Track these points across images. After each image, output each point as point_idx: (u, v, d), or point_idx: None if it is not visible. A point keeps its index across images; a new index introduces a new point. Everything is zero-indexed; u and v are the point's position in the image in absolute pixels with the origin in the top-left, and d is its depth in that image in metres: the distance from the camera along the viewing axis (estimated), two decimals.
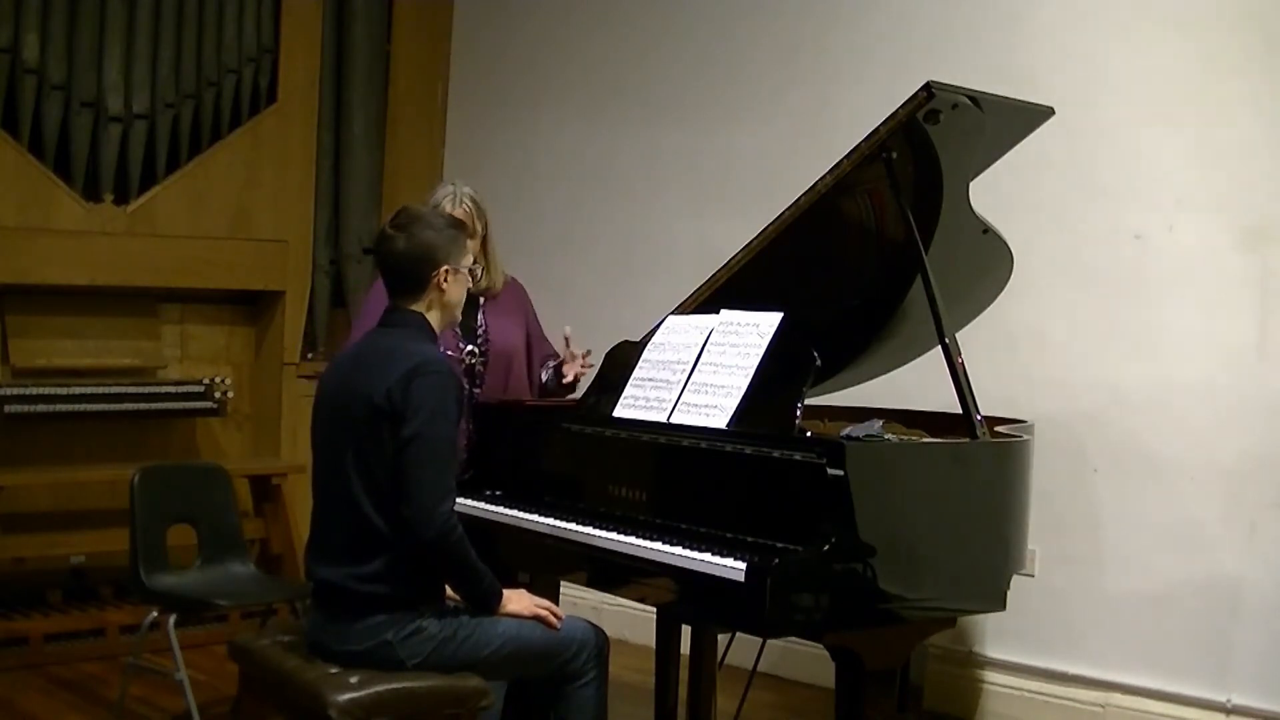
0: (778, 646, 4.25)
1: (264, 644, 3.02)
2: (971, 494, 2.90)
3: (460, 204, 3.59)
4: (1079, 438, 4.18)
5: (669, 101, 5.42)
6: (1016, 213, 3.95)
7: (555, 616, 2.94)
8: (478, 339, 3.67)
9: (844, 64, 4.84)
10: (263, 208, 5.69)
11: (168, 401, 5.39)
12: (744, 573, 2.55)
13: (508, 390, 3.71)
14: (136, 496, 4.01)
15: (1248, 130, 3.91)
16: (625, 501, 3.08)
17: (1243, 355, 3.91)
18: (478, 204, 3.63)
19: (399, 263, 2.94)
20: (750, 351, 2.99)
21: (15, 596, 5.01)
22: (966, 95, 2.96)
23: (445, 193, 3.63)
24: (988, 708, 4.38)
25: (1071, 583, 4.21)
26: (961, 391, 2.98)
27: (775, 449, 2.73)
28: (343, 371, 2.97)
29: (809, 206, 3.15)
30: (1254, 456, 3.88)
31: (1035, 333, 4.29)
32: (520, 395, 3.74)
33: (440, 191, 3.65)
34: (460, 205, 3.58)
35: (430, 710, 2.80)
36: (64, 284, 5.22)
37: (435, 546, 2.76)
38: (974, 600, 2.98)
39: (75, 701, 4.39)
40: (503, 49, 6.14)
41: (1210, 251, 3.98)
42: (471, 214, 3.59)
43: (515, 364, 3.75)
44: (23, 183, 5.08)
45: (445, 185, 3.69)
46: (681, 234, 5.29)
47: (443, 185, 3.70)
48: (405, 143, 6.29)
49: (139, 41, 5.32)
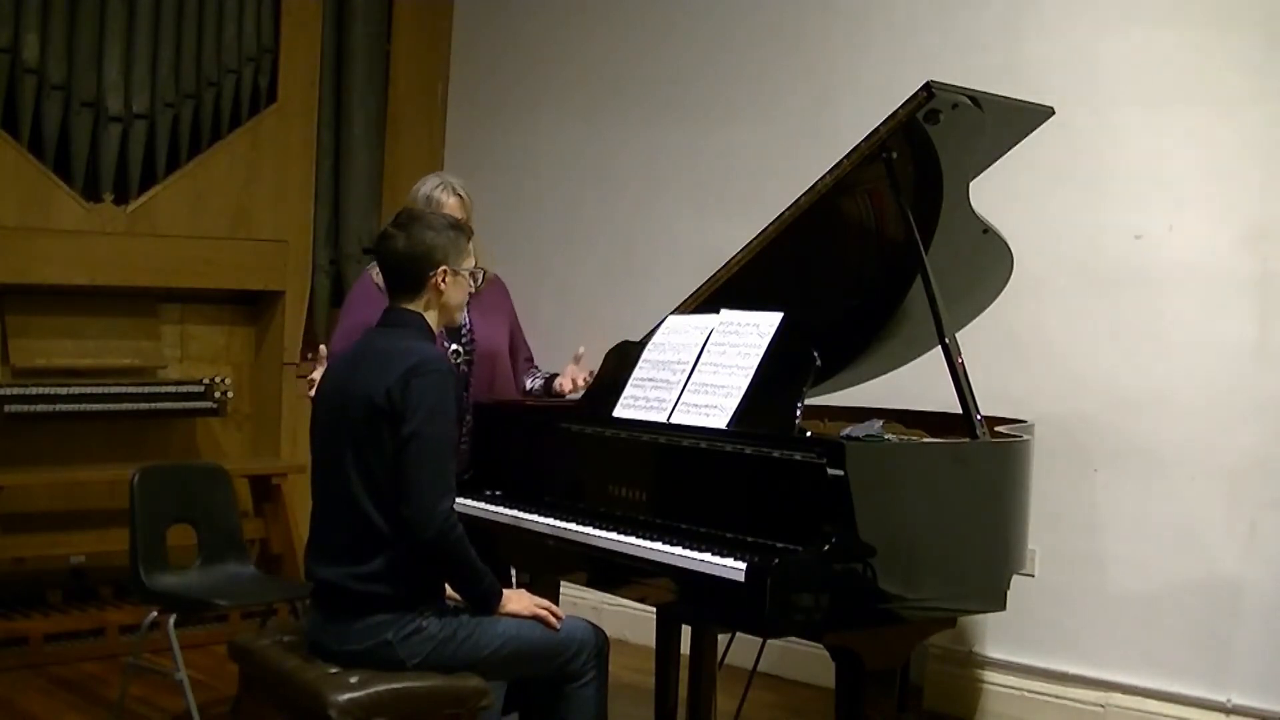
0: (778, 646, 4.25)
1: (264, 644, 3.02)
2: (971, 494, 2.90)
3: (452, 193, 3.58)
4: (1079, 438, 4.18)
5: (669, 101, 5.42)
6: (1017, 213, 3.94)
7: (555, 616, 2.95)
8: (463, 338, 3.64)
9: (844, 64, 4.84)
10: (263, 208, 5.69)
11: (168, 401, 5.39)
12: (744, 573, 2.55)
13: (493, 389, 3.69)
14: (136, 496, 4.01)
15: (1248, 130, 3.91)
16: (625, 501, 3.08)
17: (1243, 355, 3.91)
18: (469, 195, 3.62)
19: (398, 262, 2.94)
20: (750, 351, 2.99)
21: (15, 596, 5.01)
22: (966, 95, 2.96)
23: (434, 184, 3.61)
24: (988, 708, 4.38)
25: (1071, 583, 4.21)
26: (961, 391, 2.98)
27: (775, 449, 2.73)
28: (342, 371, 2.97)
29: (809, 206, 3.15)
30: (1254, 456, 3.88)
31: (1035, 333, 4.28)
32: (505, 394, 3.74)
33: (429, 183, 3.62)
34: (452, 195, 3.57)
35: (430, 710, 2.80)
36: (64, 284, 5.22)
37: (435, 546, 2.76)
38: (974, 600, 2.98)
39: (75, 701, 4.39)
40: (503, 49, 6.14)
41: (1210, 251, 3.98)
42: (466, 204, 3.59)
43: (500, 363, 3.73)
44: (23, 183, 5.08)
45: (433, 176, 3.67)
46: (681, 234, 5.29)
47: (430, 177, 3.67)
48: (405, 143, 6.28)
49: (139, 41, 5.32)
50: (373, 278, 3.59)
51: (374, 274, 3.57)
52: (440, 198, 3.58)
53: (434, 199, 3.58)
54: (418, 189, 3.63)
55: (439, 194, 3.58)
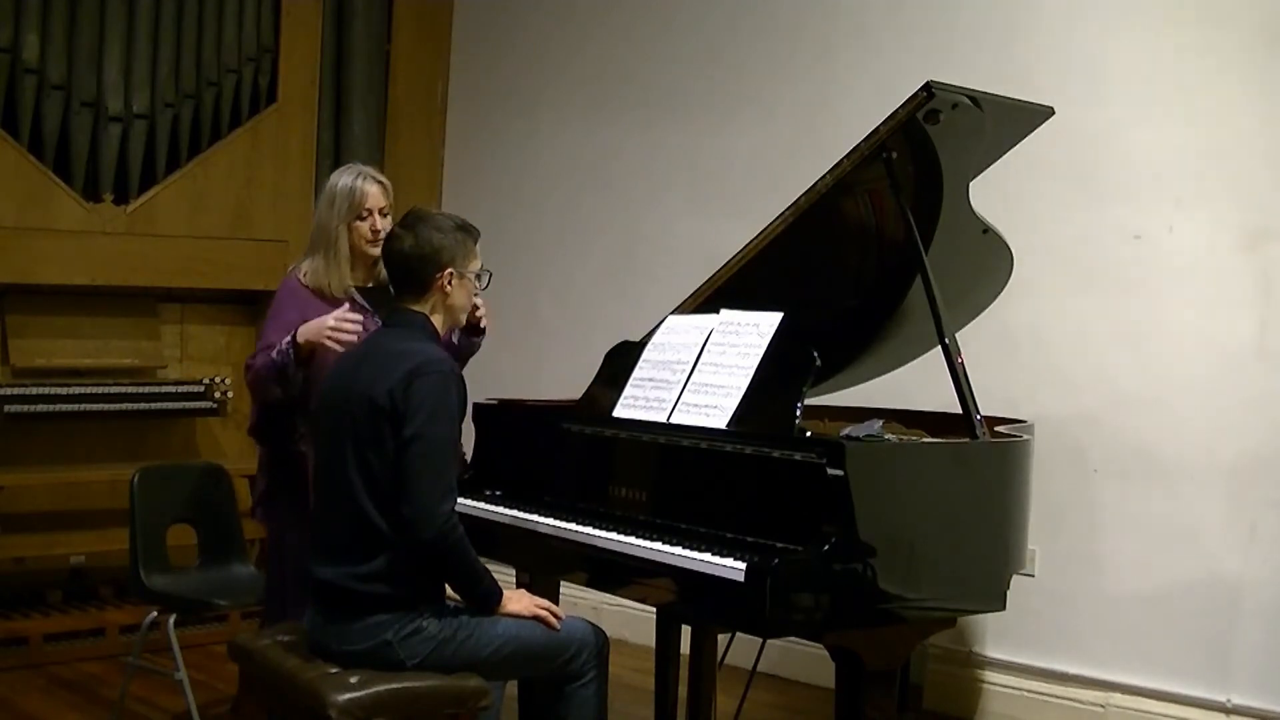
0: (778, 646, 4.25)
1: (264, 644, 3.02)
2: (971, 494, 2.90)
3: (373, 181, 3.49)
4: (1079, 438, 4.18)
5: (669, 101, 5.42)
6: (1016, 213, 3.95)
7: (555, 616, 2.94)
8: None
9: (844, 64, 4.84)
10: (263, 208, 5.69)
11: (167, 401, 5.39)
12: (744, 573, 2.55)
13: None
14: (136, 496, 4.01)
15: (1248, 130, 3.91)
16: (625, 501, 3.08)
17: (1243, 355, 3.91)
18: (388, 183, 3.53)
19: (404, 261, 2.94)
20: (750, 351, 2.99)
21: (15, 596, 5.01)
22: (966, 95, 2.96)
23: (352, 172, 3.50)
24: (988, 708, 4.38)
25: (1071, 583, 4.21)
26: (961, 391, 2.98)
27: (775, 449, 2.73)
28: (345, 371, 2.97)
29: (809, 206, 3.15)
30: (1254, 456, 3.88)
31: (1035, 333, 4.29)
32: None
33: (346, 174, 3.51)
34: (373, 183, 3.48)
35: (430, 710, 2.80)
36: (64, 284, 5.22)
37: (435, 546, 2.76)
38: (974, 600, 2.98)
39: (75, 701, 4.39)
40: (503, 49, 6.14)
41: (1210, 251, 3.98)
42: (387, 190, 3.50)
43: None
44: (23, 183, 5.08)
45: (349, 168, 3.55)
46: (681, 234, 5.29)
47: (346, 167, 3.56)
48: (405, 143, 6.28)
49: (139, 41, 5.31)
50: (299, 278, 3.50)
51: (299, 274, 3.51)
52: (361, 186, 3.47)
53: (356, 189, 3.46)
54: (336, 180, 3.51)
55: (360, 183, 3.47)
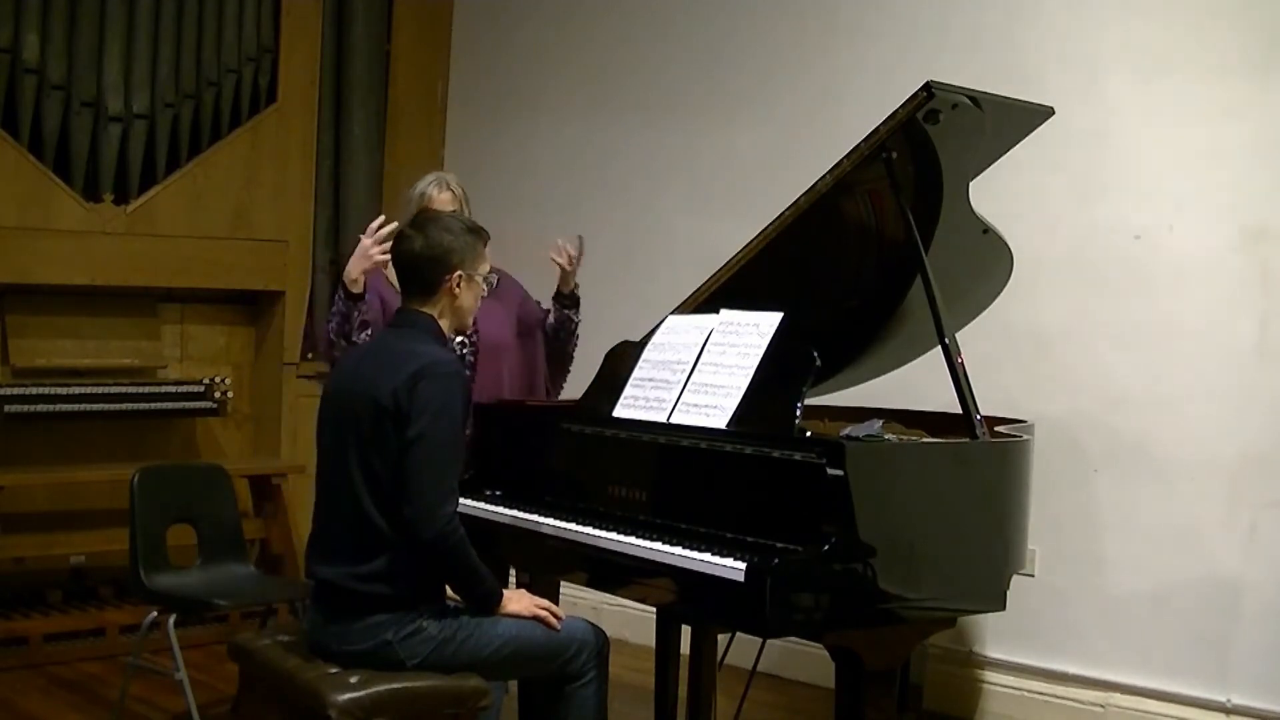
0: (778, 646, 4.25)
1: (264, 644, 3.02)
2: (971, 494, 2.90)
3: (445, 188, 3.61)
4: (1079, 438, 4.18)
5: (669, 101, 5.42)
6: (1017, 213, 3.94)
7: (555, 617, 2.94)
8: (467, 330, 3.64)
9: (844, 64, 4.84)
10: (262, 208, 5.69)
11: (167, 401, 5.39)
12: (744, 573, 2.55)
13: (503, 384, 3.69)
14: (136, 496, 4.01)
15: (1248, 130, 3.91)
16: (625, 501, 3.07)
17: (1243, 355, 3.91)
18: (464, 190, 3.67)
19: (413, 263, 2.94)
20: (750, 351, 2.98)
21: (15, 596, 5.01)
22: (966, 95, 2.96)
23: (430, 180, 3.66)
24: (988, 708, 4.38)
25: (1071, 583, 4.21)
26: (961, 391, 2.98)
27: (775, 449, 2.73)
28: (350, 370, 2.97)
29: (809, 207, 3.15)
30: (1254, 456, 3.88)
31: (1035, 333, 4.28)
32: (517, 391, 3.73)
33: (425, 180, 3.67)
34: (445, 190, 3.61)
35: (430, 710, 2.80)
36: (64, 284, 5.22)
37: (435, 547, 2.76)
38: (974, 600, 2.98)
39: (75, 701, 4.39)
40: (503, 49, 6.13)
41: (1210, 251, 3.98)
42: (460, 199, 3.63)
43: (507, 357, 3.73)
44: (23, 183, 5.08)
45: (432, 174, 3.72)
46: (681, 234, 5.29)
47: (430, 174, 3.72)
48: (405, 143, 6.28)
49: (139, 41, 5.31)
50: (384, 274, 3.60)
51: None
52: (431, 193, 3.62)
53: (427, 194, 3.63)
54: (414, 187, 3.68)
55: (431, 189, 3.61)
